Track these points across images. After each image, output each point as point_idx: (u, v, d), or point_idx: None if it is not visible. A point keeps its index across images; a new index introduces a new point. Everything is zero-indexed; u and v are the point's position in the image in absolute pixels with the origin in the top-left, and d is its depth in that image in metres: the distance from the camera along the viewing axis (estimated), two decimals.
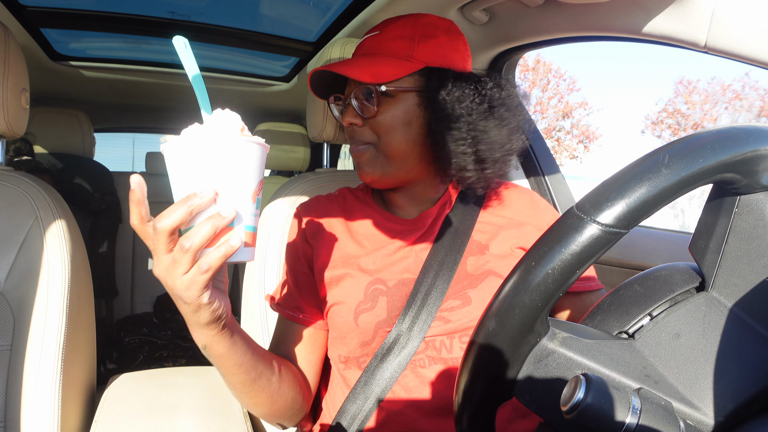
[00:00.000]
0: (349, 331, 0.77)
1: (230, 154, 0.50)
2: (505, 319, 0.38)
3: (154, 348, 2.04)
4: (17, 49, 0.94)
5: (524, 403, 0.41)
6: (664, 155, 0.36)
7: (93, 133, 2.32)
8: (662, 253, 1.18)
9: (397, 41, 0.79)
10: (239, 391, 0.68)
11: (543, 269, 0.37)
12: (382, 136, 0.78)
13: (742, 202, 0.40)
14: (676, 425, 0.34)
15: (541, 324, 0.39)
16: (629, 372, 0.38)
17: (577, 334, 0.40)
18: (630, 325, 0.41)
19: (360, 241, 0.82)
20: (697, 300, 0.41)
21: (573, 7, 1.01)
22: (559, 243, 0.36)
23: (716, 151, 0.36)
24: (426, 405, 0.74)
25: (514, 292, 0.38)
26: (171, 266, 0.50)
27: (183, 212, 0.49)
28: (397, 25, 0.80)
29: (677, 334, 0.39)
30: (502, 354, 0.39)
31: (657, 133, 18.01)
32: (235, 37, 1.56)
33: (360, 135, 0.80)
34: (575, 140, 18.07)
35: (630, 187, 0.36)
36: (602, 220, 0.35)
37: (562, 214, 0.38)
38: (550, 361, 0.39)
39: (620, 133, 31.75)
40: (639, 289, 0.43)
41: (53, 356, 0.84)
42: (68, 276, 0.88)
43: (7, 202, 0.89)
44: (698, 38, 0.81)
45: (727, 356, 0.38)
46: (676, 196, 0.36)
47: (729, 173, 0.37)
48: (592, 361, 0.39)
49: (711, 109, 16.72)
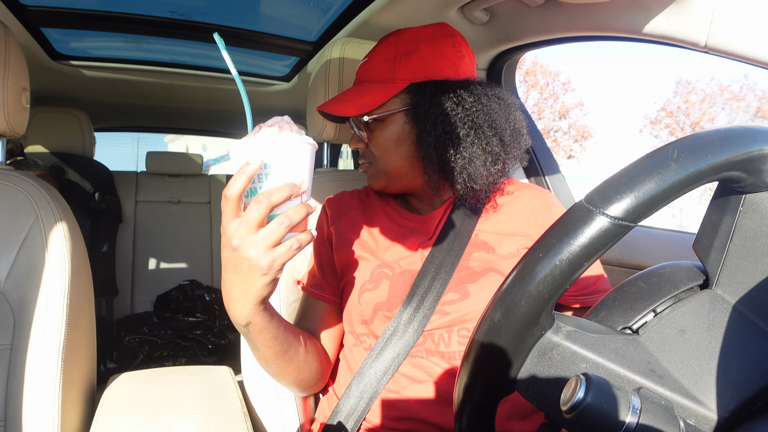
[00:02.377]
0: (352, 308, 0.84)
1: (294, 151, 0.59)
2: (510, 310, 0.38)
3: (154, 347, 2.04)
4: (17, 48, 0.94)
5: (526, 398, 0.41)
6: (673, 150, 0.36)
7: (93, 132, 2.32)
8: (662, 252, 1.18)
9: (381, 65, 0.82)
10: (272, 362, 0.74)
11: (551, 260, 0.36)
12: (379, 157, 0.85)
13: (747, 200, 0.40)
14: (676, 425, 0.34)
15: (546, 317, 0.39)
16: (634, 366, 0.38)
17: (581, 329, 0.40)
18: (634, 321, 0.41)
19: (374, 234, 0.88)
20: (701, 297, 0.41)
21: (573, 7, 1.01)
22: (568, 234, 0.36)
23: (725, 148, 0.36)
24: (425, 394, 0.76)
25: (521, 283, 0.38)
26: (265, 238, 0.57)
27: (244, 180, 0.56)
28: (381, 48, 0.84)
29: (682, 330, 0.40)
30: (506, 347, 0.39)
31: (655, 133, 18.02)
32: (235, 37, 1.56)
33: (364, 154, 0.88)
34: (572, 140, 18.09)
35: (639, 181, 0.36)
36: (611, 213, 0.35)
37: (571, 207, 0.38)
38: (555, 354, 0.39)
39: (618, 133, 31.80)
40: (643, 286, 0.43)
41: (53, 355, 0.84)
42: (68, 275, 0.89)
43: (8, 201, 0.89)
44: (698, 38, 0.81)
45: (731, 353, 0.38)
46: (684, 191, 0.36)
47: (736, 171, 0.37)
48: (596, 355, 0.39)
49: (709, 109, 16.73)
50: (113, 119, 2.82)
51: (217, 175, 2.64)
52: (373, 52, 0.86)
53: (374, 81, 0.83)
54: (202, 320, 2.20)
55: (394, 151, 0.83)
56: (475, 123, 0.78)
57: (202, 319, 2.21)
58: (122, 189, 2.39)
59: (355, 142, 0.88)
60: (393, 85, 0.80)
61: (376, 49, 0.85)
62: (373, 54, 0.85)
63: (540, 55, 18.69)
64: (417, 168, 0.84)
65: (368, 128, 0.84)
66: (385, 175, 0.86)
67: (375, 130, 0.84)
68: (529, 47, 1.24)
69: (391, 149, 0.83)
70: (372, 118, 0.82)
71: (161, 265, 2.42)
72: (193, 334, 2.12)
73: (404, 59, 0.81)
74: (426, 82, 0.80)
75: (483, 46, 1.27)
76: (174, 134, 9.66)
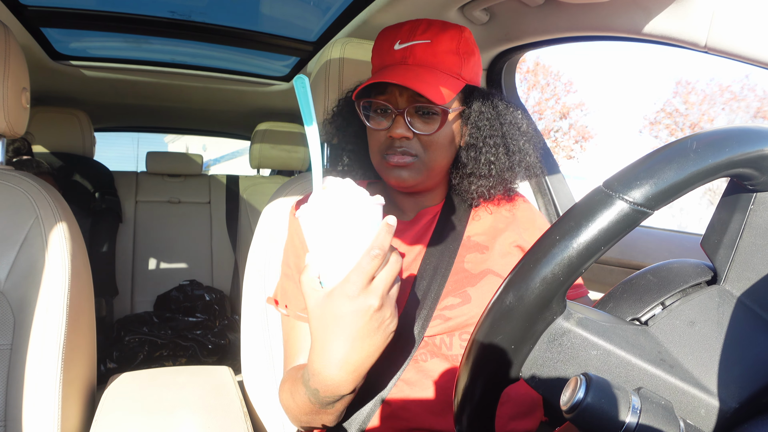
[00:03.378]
0: None
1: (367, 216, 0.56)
2: (524, 292, 0.38)
3: (154, 347, 2.03)
4: (18, 48, 0.94)
5: (532, 386, 0.40)
6: (692, 141, 0.37)
7: (93, 132, 2.32)
8: (662, 252, 1.18)
9: (449, 56, 0.78)
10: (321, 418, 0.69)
11: (569, 243, 0.36)
12: (431, 152, 0.79)
13: (758, 199, 0.41)
14: (677, 425, 0.34)
15: (559, 302, 0.38)
16: (644, 355, 0.38)
17: (592, 316, 0.40)
18: (643, 313, 0.42)
19: None
20: (710, 291, 0.41)
21: (573, 7, 1.01)
22: (586, 218, 0.36)
23: (742, 144, 0.37)
24: (428, 401, 0.74)
25: (537, 265, 0.37)
26: (378, 311, 0.56)
27: (375, 264, 0.55)
28: (446, 37, 0.79)
29: (692, 322, 0.40)
30: (515, 331, 0.39)
31: (654, 133, 18.01)
32: (235, 37, 1.56)
33: (407, 147, 0.78)
34: (572, 140, 18.09)
35: (659, 168, 0.36)
36: (631, 198, 0.35)
37: (590, 191, 0.38)
38: (565, 340, 0.39)
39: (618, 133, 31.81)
40: (652, 279, 0.43)
41: (53, 355, 0.84)
42: (68, 275, 0.88)
43: (8, 201, 0.89)
44: (698, 38, 0.81)
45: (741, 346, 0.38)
46: (700, 182, 0.36)
47: (749, 168, 0.38)
48: (608, 342, 0.38)
49: (709, 109, 16.73)
50: (113, 119, 2.82)
51: (217, 175, 2.64)
52: (435, 36, 0.78)
53: (442, 71, 0.78)
54: (202, 320, 2.20)
55: (447, 148, 0.81)
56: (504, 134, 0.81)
57: (202, 319, 2.21)
58: (122, 189, 2.39)
59: (404, 129, 0.77)
60: (458, 82, 0.78)
61: (440, 36, 0.78)
62: (437, 40, 0.78)
63: (542, 56, 18.69)
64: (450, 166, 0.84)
65: (431, 120, 0.78)
66: (427, 171, 0.80)
67: (437, 127, 0.77)
68: (529, 47, 1.24)
69: (445, 146, 0.80)
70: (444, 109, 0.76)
71: (161, 265, 2.42)
72: (193, 334, 2.12)
73: (467, 58, 0.80)
74: (475, 87, 0.82)
75: (483, 46, 1.27)
76: (174, 134, 9.65)
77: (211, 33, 1.53)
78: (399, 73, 0.75)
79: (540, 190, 1.39)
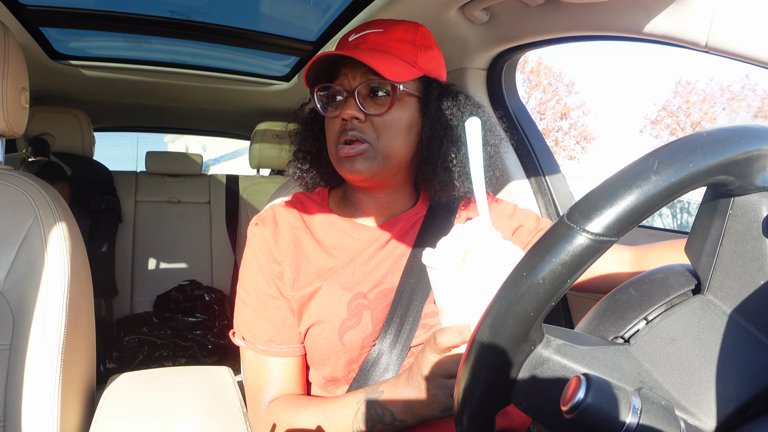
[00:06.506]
0: (333, 352, 0.75)
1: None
2: (498, 329, 0.38)
3: (153, 347, 2.03)
4: (17, 48, 0.94)
5: (522, 410, 0.41)
6: (653, 161, 0.36)
7: (93, 132, 2.32)
8: None
9: (403, 44, 0.78)
10: None
11: (534, 279, 0.37)
12: (384, 136, 0.76)
13: (736, 203, 0.40)
14: (677, 425, 0.34)
15: (536, 332, 0.39)
16: (624, 378, 0.38)
17: (572, 341, 0.40)
18: (626, 330, 0.41)
19: (331, 252, 0.80)
20: (693, 303, 0.41)
21: (573, 7, 1.01)
22: (550, 253, 0.36)
23: (707, 154, 0.36)
24: None
25: (507, 302, 0.38)
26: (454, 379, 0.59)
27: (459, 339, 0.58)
28: (400, 28, 0.80)
29: (672, 339, 0.39)
30: (497, 364, 0.39)
31: (655, 133, 18.03)
32: (235, 37, 1.56)
33: (359, 131, 0.75)
34: (573, 141, 18.10)
35: (619, 195, 0.35)
36: (592, 230, 0.35)
37: (553, 224, 0.38)
38: (546, 368, 0.39)
39: (619, 133, 31.83)
40: (634, 293, 0.43)
41: (53, 356, 0.84)
42: (68, 275, 0.88)
43: (7, 201, 0.89)
44: (699, 38, 0.81)
45: (722, 360, 0.38)
46: (667, 201, 0.36)
47: (721, 176, 0.37)
48: (586, 368, 0.39)
49: (710, 109, 16.74)
50: (113, 119, 2.82)
51: (217, 175, 2.64)
52: (389, 26, 0.79)
53: (396, 56, 0.77)
54: (201, 320, 2.20)
55: (403, 134, 0.77)
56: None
57: (201, 319, 2.21)
58: (122, 189, 2.39)
59: (354, 109, 0.74)
60: (414, 69, 0.77)
61: (394, 27, 0.79)
62: (391, 29, 0.79)
63: (544, 56, 18.70)
64: (410, 163, 0.82)
65: (382, 101, 0.76)
66: (382, 159, 0.76)
67: (387, 106, 0.75)
68: (529, 47, 1.24)
69: (401, 131, 0.77)
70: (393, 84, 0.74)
71: (161, 265, 2.42)
72: (193, 334, 2.12)
73: (423, 50, 0.80)
74: (434, 79, 0.81)
75: (483, 45, 1.27)
76: (174, 134, 9.63)
77: (211, 33, 1.53)
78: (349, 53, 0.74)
79: (540, 190, 1.39)
